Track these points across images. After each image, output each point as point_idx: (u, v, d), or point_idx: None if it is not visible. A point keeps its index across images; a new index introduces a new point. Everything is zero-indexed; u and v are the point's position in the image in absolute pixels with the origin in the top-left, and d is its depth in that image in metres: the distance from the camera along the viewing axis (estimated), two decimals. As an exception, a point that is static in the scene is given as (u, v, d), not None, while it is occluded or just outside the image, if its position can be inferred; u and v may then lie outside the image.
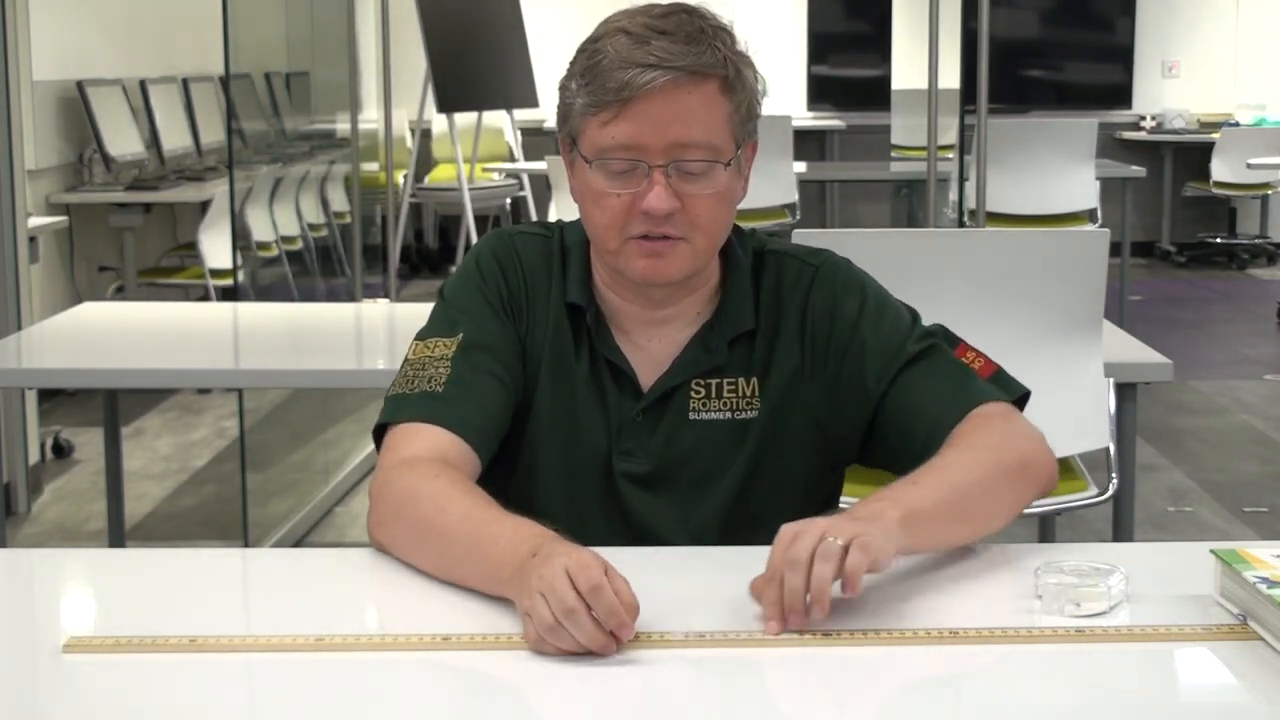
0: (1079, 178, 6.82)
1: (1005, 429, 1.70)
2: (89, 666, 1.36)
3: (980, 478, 1.62)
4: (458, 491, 1.58)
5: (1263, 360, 7.05)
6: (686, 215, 1.66)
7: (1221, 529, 4.56)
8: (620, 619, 1.36)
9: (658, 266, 1.68)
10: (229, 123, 5.11)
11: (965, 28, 5.04)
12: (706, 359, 1.75)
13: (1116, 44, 10.45)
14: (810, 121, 10.13)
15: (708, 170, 1.66)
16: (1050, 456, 1.73)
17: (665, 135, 1.63)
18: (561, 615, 1.35)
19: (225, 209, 5.90)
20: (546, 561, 1.39)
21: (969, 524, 1.62)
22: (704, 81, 1.64)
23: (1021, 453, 1.68)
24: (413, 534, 1.58)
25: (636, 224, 1.67)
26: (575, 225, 1.80)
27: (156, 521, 4.71)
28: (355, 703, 1.30)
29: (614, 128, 1.64)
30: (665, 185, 1.64)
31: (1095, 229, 5.98)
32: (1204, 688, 1.39)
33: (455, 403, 1.69)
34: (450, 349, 1.72)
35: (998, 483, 1.64)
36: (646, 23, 1.65)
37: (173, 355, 3.16)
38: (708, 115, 1.65)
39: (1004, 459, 1.66)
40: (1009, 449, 1.67)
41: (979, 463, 1.64)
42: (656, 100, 1.63)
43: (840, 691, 1.33)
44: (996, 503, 1.64)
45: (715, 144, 1.66)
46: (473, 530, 1.52)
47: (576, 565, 1.37)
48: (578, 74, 1.68)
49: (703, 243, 1.69)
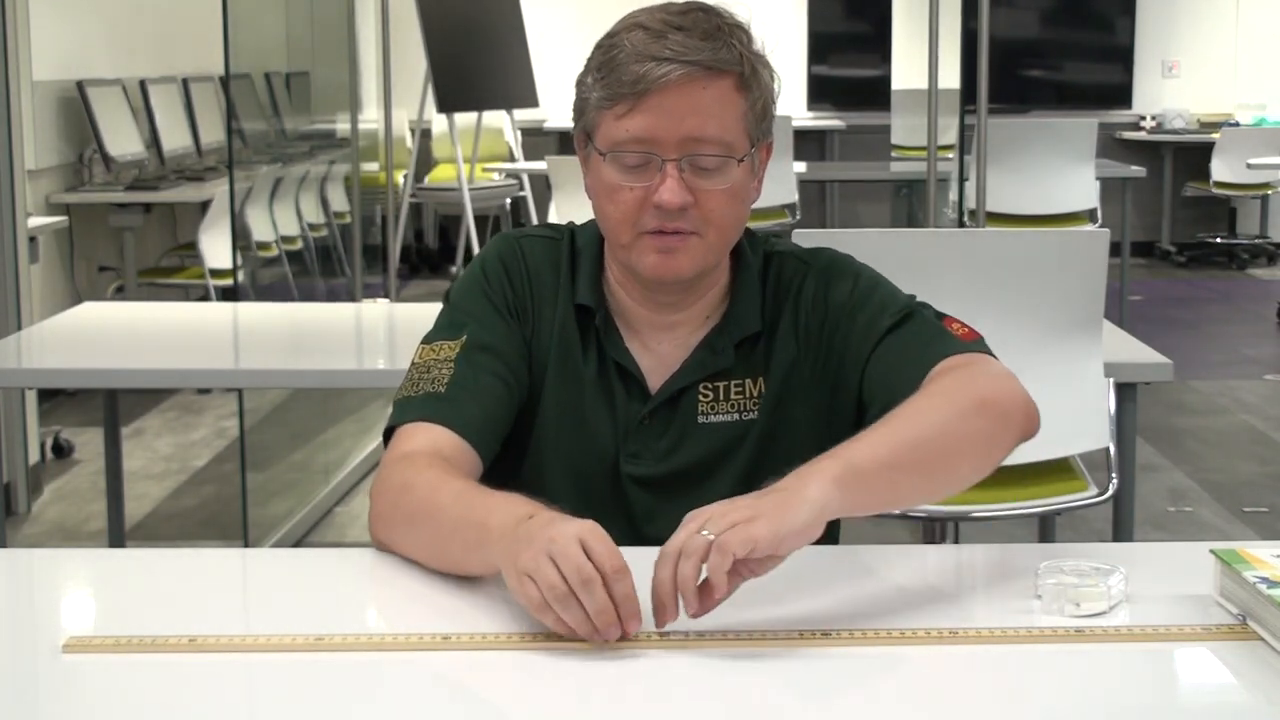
0: (1079, 178, 6.82)
1: (964, 373, 1.63)
2: (89, 666, 1.36)
3: (931, 422, 1.55)
4: (450, 476, 1.58)
5: (1263, 360, 7.05)
6: (699, 211, 1.66)
7: (1221, 529, 4.56)
8: (635, 607, 1.35)
9: (668, 263, 1.68)
10: (229, 123, 5.11)
11: (965, 28, 5.03)
12: (713, 362, 1.75)
13: (1116, 44, 10.45)
14: (810, 121, 10.13)
15: (721, 166, 1.66)
16: (1022, 394, 1.63)
17: (679, 129, 1.64)
18: (577, 584, 1.33)
19: (225, 209, 5.90)
20: (553, 525, 1.37)
21: (924, 475, 1.54)
22: (719, 77, 1.65)
23: (980, 391, 1.59)
24: (407, 522, 1.58)
25: (649, 218, 1.66)
26: (587, 227, 1.80)
27: (156, 521, 4.71)
28: (355, 703, 1.30)
29: (628, 121, 1.64)
30: (678, 179, 1.64)
31: (1095, 229, 5.97)
32: (1204, 688, 1.39)
33: (457, 402, 1.69)
34: (454, 351, 1.73)
35: (953, 425, 1.55)
36: (664, 19, 1.66)
37: (173, 355, 3.16)
38: (722, 111, 1.65)
39: (957, 400, 1.58)
40: (964, 390, 1.59)
41: (930, 408, 1.57)
42: (671, 94, 1.63)
43: (840, 691, 1.33)
44: (954, 449, 1.56)
45: (729, 140, 1.66)
46: (465, 503, 1.52)
47: (595, 537, 1.35)
48: (594, 68, 1.68)
49: (715, 238, 1.69)
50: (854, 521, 1.64)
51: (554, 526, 1.37)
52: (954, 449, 1.56)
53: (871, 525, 3.69)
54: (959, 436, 1.56)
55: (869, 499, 1.50)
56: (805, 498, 1.41)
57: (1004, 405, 1.60)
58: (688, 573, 1.36)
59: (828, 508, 1.42)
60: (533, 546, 1.37)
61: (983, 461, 1.59)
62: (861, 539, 1.80)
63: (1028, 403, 1.63)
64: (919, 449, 1.53)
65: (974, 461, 1.58)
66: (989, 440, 1.59)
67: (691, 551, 1.36)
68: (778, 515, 1.38)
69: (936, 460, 1.55)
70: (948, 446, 1.56)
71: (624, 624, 1.35)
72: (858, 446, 1.50)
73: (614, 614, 1.34)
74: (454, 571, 1.54)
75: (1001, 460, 1.61)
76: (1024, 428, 1.62)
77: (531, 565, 1.36)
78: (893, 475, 1.51)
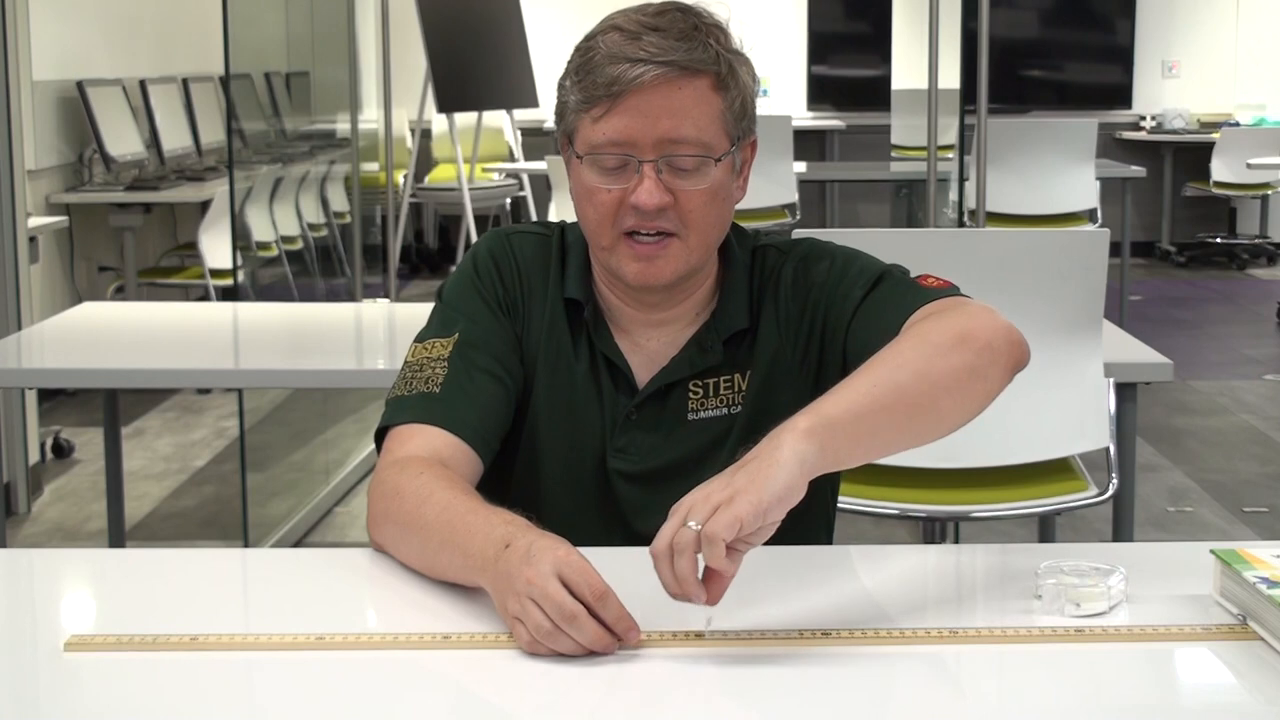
0: (1079, 178, 6.82)
1: (940, 315, 1.60)
2: (90, 665, 1.36)
3: (906, 361, 1.52)
4: (440, 486, 1.57)
5: (1263, 360, 7.05)
6: (678, 211, 1.67)
7: (1221, 529, 4.56)
8: (629, 623, 1.35)
9: (649, 270, 1.68)
10: (229, 123, 5.11)
11: (965, 28, 5.03)
12: (702, 359, 1.75)
13: (1116, 44, 10.45)
14: (810, 121, 10.13)
15: (699, 166, 1.66)
16: (1003, 324, 1.59)
17: (655, 130, 1.64)
18: (562, 621, 1.34)
19: (225, 209, 5.90)
20: (529, 562, 1.38)
21: (905, 415, 1.51)
22: (695, 77, 1.65)
23: (956, 327, 1.56)
24: (398, 530, 1.59)
25: (628, 218, 1.67)
26: (577, 224, 1.81)
27: (156, 521, 4.71)
28: (355, 702, 1.30)
29: (604, 124, 1.65)
30: (655, 180, 1.65)
31: (1095, 229, 5.97)
32: (1204, 688, 1.39)
33: (451, 403, 1.69)
34: (447, 349, 1.73)
35: (930, 363, 1.52)
36: (640, 20, 1.66)
37: (173, 355, 3.16)
38: (699, 111, 1.65)
39: (932, 338, 1.55)
40: (940, 329, 1.57)
41: (905, 349, 1.55)
42: (646, 95, 1.63)
43: (840, 691, 1.33)
44: (934, 387, 1.52)
45: (706, 140, 1.66)
46: (449, 522, 1.51)
47: (572, 569, 1.36)
48: (572, 71, 1.69)
49: (695, 240, 1.69)
50: (854, 521, 1.64)
51: (529, 566, 1.37)
52: (934, 386, 1.52)
53: (871, 525, 3.71)
54: (939, 373, 1.52)
55: (849, 448, 1.46)
56: (778, 461, 1.39)
57: (984, 337, 1.56)
58: (686, 571, 1.36)
59: (805, 463, 1.40)
60: (513, 589, 1.37)
61: (967, 397, 1.55)
62: (861, 539, 1.80)
63: (1010, 330, 1.60)
64: (895, 391, 1.49)
65: (958, 397, 1.54)
66: (972, 373, 1.54)
67: (683, 548, 1.36)
68: (755, 488, 1.36)
69: (916, 400, 1.51)
70: (927, 385, 1.51)
71: (624, 640, 1.36)
72: (829, 398, 1.48)
73: (607, 638, 1.35)
74: (445, 580, 1.54)
75: (992, 394, 1.57)
76: (1011, 356, 1.58)
77: (518, 610, 1.37)
78: (870, 420, 1.47)
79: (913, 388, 1.51)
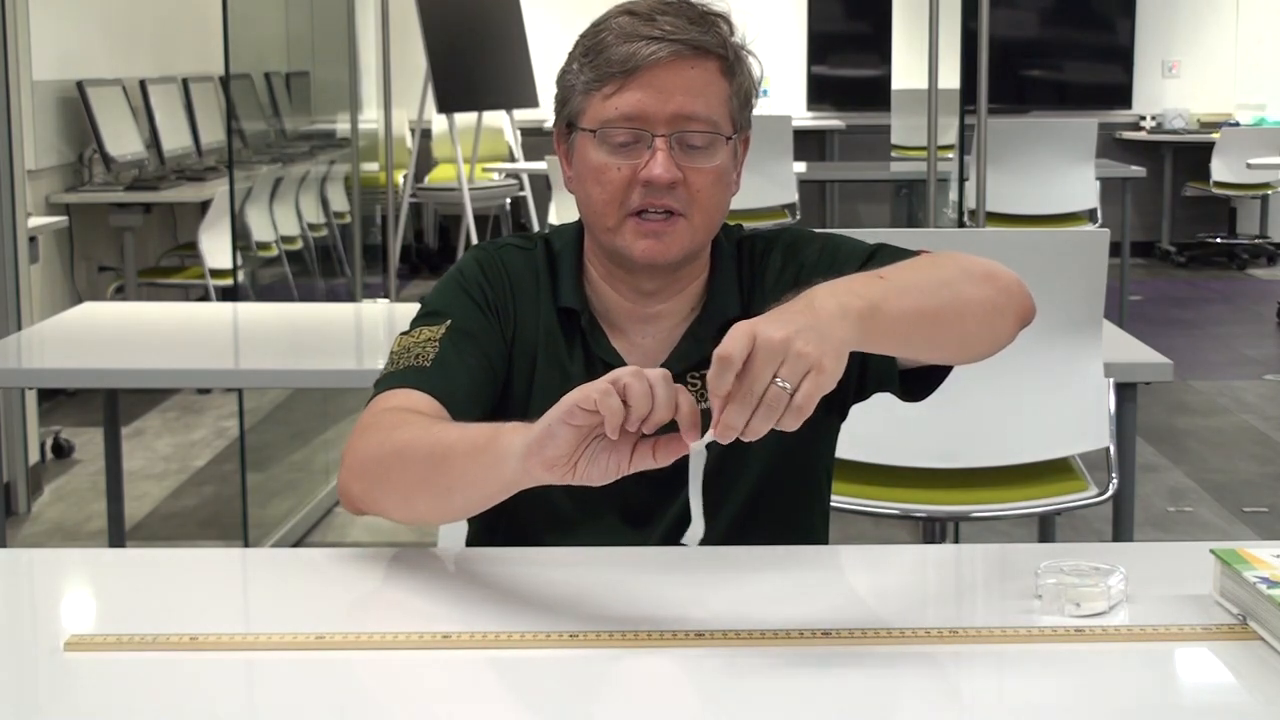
0: (1079, 178, 6.82)
1: (955, 253, 1.64)
2: (90, 664, 1.36)
3: (950, 281, 1.55)
4: (423, 422, 1.58)
5: (1263, 360, 7.05)
6: (687, 190, 1.68)
7: (1221, 529, 4.56)
8: (696, 419, 1.35)
9: (656, 247, 1.69)
10: (229, 123, 5.11)
11: (965, 28, 5.03)
12: (696, 350, 1.75)
13: (1116, 44, 10.46)
14: (810, 121, 10.14)
15: (710, 144, 1.68)
16: (1018, 279, 1.63)
17: (669, 105, 1.66)
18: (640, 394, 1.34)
19: (225, 209, 5.90)
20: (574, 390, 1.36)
21: (938, 331, 1.54)
22: (706, 58, 1.68)
23: (984, 264, 1.61)
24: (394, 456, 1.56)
25: (637, 197, 1.67)
26: (561, 231, 1.81)
27: (156, 521, 4.71)
28: (355, 702, 1.30)
29: (617, 99, 1.66)
30: (668, 155, 1.66)
31: (1095, 229, 5.98)
32: (1204, 688, 1.39)
33: (440, 375, 1.68)
34: (438, 333, 1.72)
35: (963, 287, 1.56)
36: (650, 4, 1.69)
37: (173, 355, 3.17)
38: (710, 91, 1.68)
39: (966, 265, 1.59)
40: (971, 261, 1.61)
41: (942, 264, 1.58)
42: (661, 71, 1.65)
43: (840, 691, 1.33)
44: (966, 312, 1.55)
45: (716, 119, 1.68)
46: (460, 428, 1.52)
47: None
48: (579, 55, 1.70)
49: (700, 221, 1.70)
50: (854, 521, 1.64)
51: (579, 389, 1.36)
52: (964, 310, 1.56)
53: (871, 525, 3.70)
54: (969, 299, 1.56)
55: (881, 344, 1.47)
56: (837, 339, 1.37)
57: (1005, 280, 1.61)
58: (760, 429, 1.33)
59: (847, 350, 1.39)
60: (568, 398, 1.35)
61: (987, 330, 1.58)
62: (861, 539, 1.80)
63: (1022, 284, 1.64)
64: (935, 305, 1.52)
65: (978, 327, 1.58)
66: (994, 309, 1.58)
67: (774, 407, 1.32)
68: (828, 366, 1.34)
69: (949, 319, 1.54)
70: (960, 305, 1.55)
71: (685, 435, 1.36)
72: (879, 287, 1.46)
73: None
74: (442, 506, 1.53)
75: (1002, 338, 1.60)
76: (1024, 306, 1.63)
77: (580, 396, 1.35)
78: (907, 326, 1.49)
79: (949, 307, 1.54)
